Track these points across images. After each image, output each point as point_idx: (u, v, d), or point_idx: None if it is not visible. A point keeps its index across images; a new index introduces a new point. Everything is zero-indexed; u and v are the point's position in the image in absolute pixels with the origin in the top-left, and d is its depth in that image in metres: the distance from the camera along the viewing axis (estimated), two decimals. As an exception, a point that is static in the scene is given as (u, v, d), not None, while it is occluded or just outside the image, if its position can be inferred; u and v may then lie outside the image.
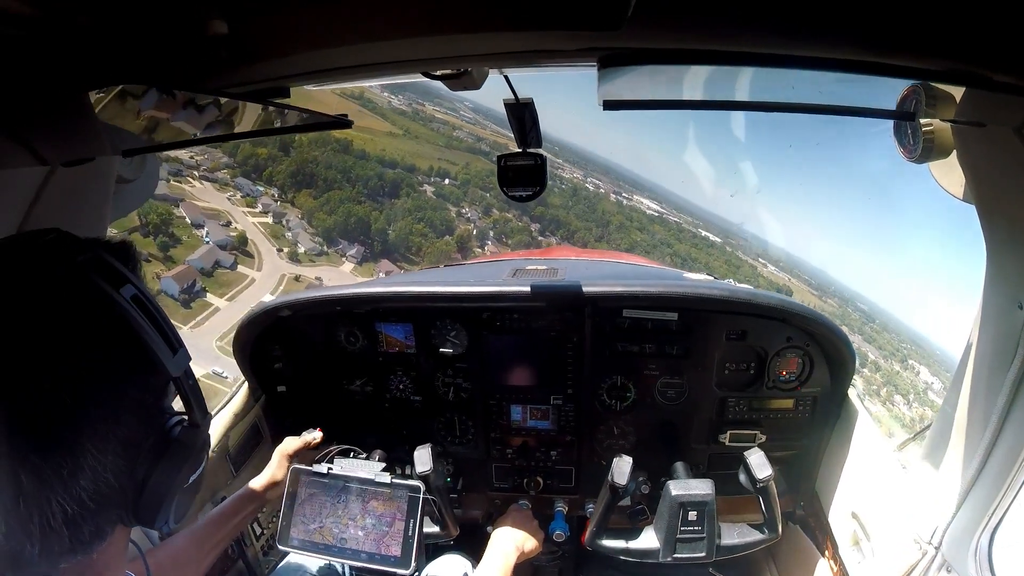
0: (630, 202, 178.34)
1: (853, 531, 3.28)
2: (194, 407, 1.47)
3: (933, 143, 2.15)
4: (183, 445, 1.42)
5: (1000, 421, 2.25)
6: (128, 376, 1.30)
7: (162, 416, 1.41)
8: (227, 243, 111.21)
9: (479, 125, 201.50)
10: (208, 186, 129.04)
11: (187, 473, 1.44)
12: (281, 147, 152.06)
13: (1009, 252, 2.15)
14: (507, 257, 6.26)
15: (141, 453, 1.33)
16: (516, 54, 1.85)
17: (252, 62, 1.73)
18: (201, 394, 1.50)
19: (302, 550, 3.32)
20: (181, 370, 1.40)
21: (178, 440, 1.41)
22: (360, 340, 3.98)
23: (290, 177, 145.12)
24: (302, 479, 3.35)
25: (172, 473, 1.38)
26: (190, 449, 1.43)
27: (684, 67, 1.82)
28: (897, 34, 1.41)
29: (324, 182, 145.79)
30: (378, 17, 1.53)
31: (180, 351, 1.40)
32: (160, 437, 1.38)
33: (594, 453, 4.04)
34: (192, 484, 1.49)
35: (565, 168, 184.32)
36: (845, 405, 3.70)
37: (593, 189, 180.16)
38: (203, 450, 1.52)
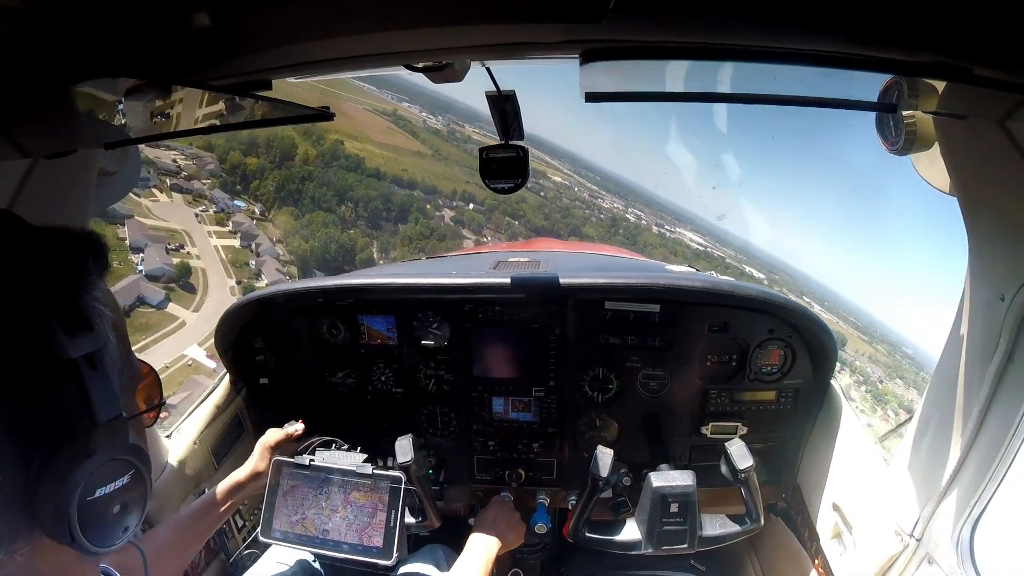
0: (673, 234, 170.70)
1: (835, 523, 3.30)
2: (93, 402, 1.25)
3: (915, 135, 2.15)
4: (77, 446, 1.23)
5: (982, 413, 2.26)
6: (16, 358, 1.17)
7: (66, 412, 1.23)
8: (162, 274, 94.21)
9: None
10: (178, 198, 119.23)
11: (88, 483, 1.24)
12: (278, 158, 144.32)
13: (991, 244, 2.15)
14: (489, 249, 6.26)
15: (38, 450, 1.19)
16: (498, 46, 1.86)
17: (235, 55, 1.73)
18: (112, 392, 1.29)
19: (285, 542, 3.33)
20: (78, 353, 1.22)
21: (73, 440, 1.23)
22: (342, 332, 3.98)
23: (275, 192, 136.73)
24: (284, 471, 3.35)
25: (60, 477, 1.21)
26: (84, 452, 1.24)
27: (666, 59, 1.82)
28: (879, 28, 1.41)
29: (312, 200, 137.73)
30: (360, 10, 1.53)
31: (88, 335, 1.25)
32: (60, 435, 1.22)
33: (576, 445, 4.05)
34: (104, 499, 1.29)
35: (605, 198, 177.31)
36: (827, 397, 3.72)
37: (634, 220, 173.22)
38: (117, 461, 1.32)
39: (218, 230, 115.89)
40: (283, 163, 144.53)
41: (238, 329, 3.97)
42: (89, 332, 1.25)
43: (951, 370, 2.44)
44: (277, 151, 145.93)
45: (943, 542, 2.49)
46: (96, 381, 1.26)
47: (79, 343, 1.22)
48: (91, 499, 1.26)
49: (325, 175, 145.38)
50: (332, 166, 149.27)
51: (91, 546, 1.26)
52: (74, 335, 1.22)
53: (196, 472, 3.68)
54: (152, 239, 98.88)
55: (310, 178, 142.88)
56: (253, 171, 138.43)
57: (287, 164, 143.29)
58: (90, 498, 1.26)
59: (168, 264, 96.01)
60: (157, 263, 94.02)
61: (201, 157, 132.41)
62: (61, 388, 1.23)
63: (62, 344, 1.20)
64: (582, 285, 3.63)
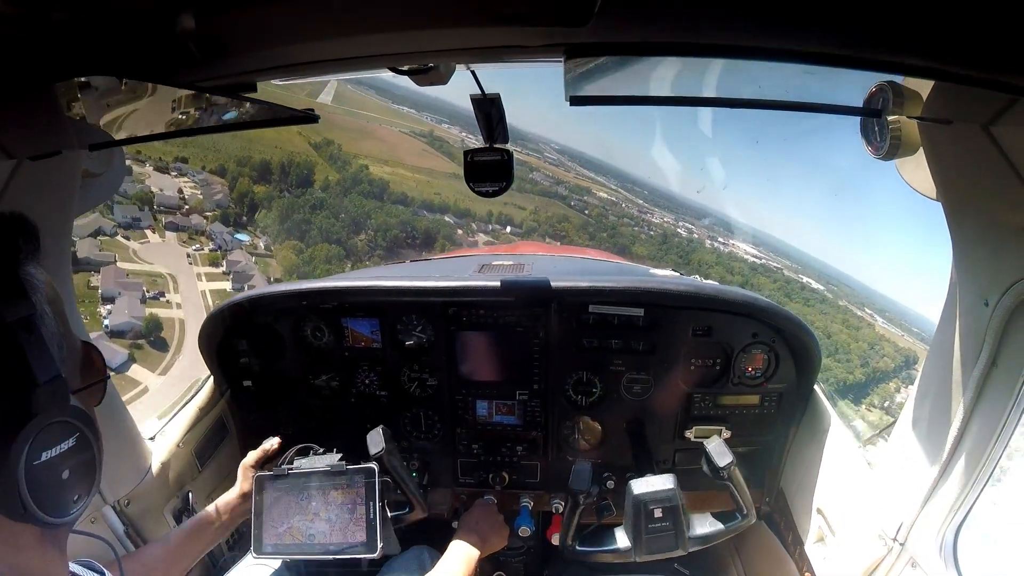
0: (728, 248, 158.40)
1: (819, 527, 3.30)
2: (30, 362, 1.27)
3: (900, 140, 2.16)
4: (19, 405, 1.25)
5: (966, 417, 2.27)
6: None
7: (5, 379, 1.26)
8: (129, 329, 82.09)
9: (562, 167, 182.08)
10: (171, 237, 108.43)
11: (33, 445, 1.26)
12: (294, 184, 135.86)
13: (975, 249, 2.16)
14: (474, 253, 6.24)
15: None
16: (483, 49, 1.86)
17: (220, 57, 1.73)
18: (49, 355, 1.33)
19: (276, 554, 3.35)
20: (13, 316, 1.27)
21: (13, 403, 1.26)
22: (326, 335, 3.98)
23: (279, 223, 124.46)
24: (266, 485, 3.35)
25: (4, 444, 1.23)
26: (25, 415, 1.25)
27: (651, 63, 1.82)
28: (865, 27, 1.41)
29: (319, 232, 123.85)
30: (344, 12, 1.53)
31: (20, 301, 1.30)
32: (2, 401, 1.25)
33: (560, 449, 4.06)
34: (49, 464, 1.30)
35: (655, 213, 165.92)
36: (811, 401, 3.73)
37: (686, 235, 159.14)
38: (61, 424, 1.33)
39: (210, 271, 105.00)
40: (301, 190, 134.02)
41: (222, 331, 3.95)
42: (23, 299, 1.30)
43: (935, 374, 2.45)
44: (294, 177, 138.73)
45: (927, 546, 2.50)
46: (32, 344, 1.30)
47: (13, 308, 1.28)
48: (37, 463, 1.27)
49: (340, 203, 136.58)
50: (352, 193, 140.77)
51: (44, 515, 1.27)
52: (6, 302, 1.28)
53: (179, 475, 3.66)
54: (127, 287, 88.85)
55: (321, 207, 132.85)
56: (261, 199, 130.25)
57: (305, 191, 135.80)
58: (36, 462, 1.26)
59: (138, 317, 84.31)
60: (125, 317, 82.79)
61: (211, 184, 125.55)
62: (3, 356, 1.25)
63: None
64: (566, 288, 3.63)
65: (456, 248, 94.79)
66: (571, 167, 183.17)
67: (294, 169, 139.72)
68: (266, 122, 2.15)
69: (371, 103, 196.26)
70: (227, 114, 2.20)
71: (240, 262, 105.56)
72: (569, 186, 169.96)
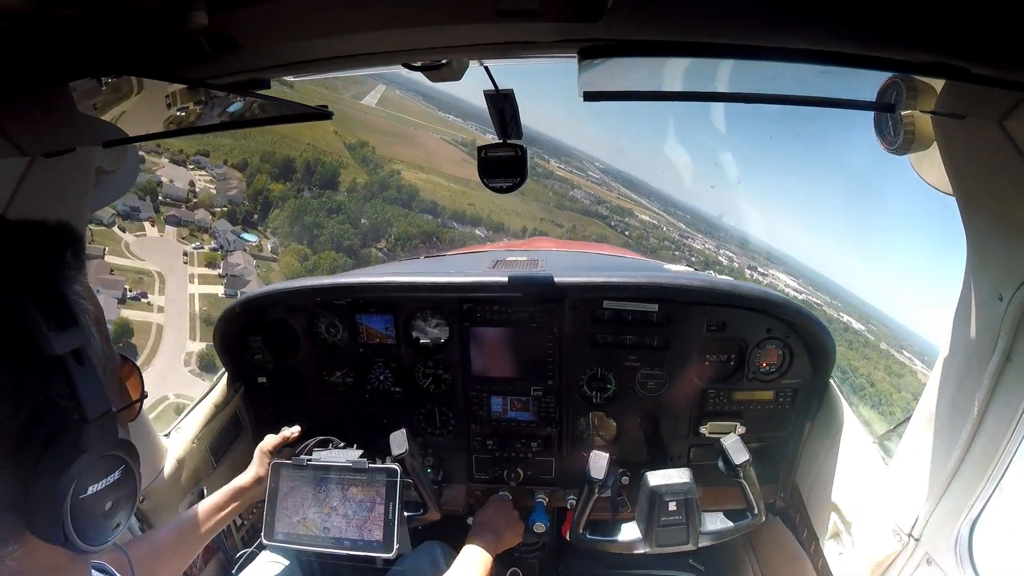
0: (767, 278, 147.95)
1: (833, 522, 3.29)
2: (82, 398, 1.23)
3: (913, 135, 2.15)
4: (68, 443, 1.22)
5: (980, 412, 2.26)
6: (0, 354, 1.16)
7: (53, 408, 1.22)
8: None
9: (605, 187, 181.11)
10: (172, 232, 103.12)
11: (80, 480, 1.23)
12: (318, 183, 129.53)
13: (990, 244, 2.15)
14: (488, 248, 6.24)
15: (27, 449, 1.18)
16: (496, 45, 1.86)
17: (232, 54, 1.73)
18: (100, 386, 1.29)
19: (288, 543, 3.35)
20: (64, 349, 1.21)
21: (64, 438, 1.22)
22: (340, 331, 3.99)
23: (289, 225, 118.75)
24: (283, 473, 3.37)
25: (52, 476, 1.19)
26: (77, 449, 1.22)
27: (664, 58, 1.82)
28: (877, 26, 1.41)
29: (330, 239, 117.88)
30: (358, 8, 1.53)
31: (72, 330, 1.23)
32: (49, 433, 1.20)
33: (575, 445, 4.06)
34: (95, 496, 1.28)
35: (696, 238, 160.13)
36: (826, 396, 3.72)
37: (727, 263, 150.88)
38: (108, 457, 1.31)
39: (205, 273, 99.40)
40: (321, 191, 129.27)
41: (236, 328, 3.97)
42: (75, 326, 1.24)
43: (950, 370, 2.44)
44: (319, 177, 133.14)
45: (942, 542, 2.49)
46: (84, 376, 1.24)
47: (65, 338, 1.21)
48: (83, 497, 1.24)
49: (360, 208, 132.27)
50: (376, 198, 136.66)
51: (83, 545, 1.25)
52: (60, 330, 1.20)
53: (194, 471, 3.68)
54: (107, 285, 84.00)
55: (339, 211, 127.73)
56: (276, 198, 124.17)
57: (323, 192, 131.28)
58: (82, 496, 1.24)
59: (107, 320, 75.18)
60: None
61: (228, 178, 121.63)
62: (48, 384, 1.20)
63: (48, 340, 1.18)
64: (580, 284, 3.64)
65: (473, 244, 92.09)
66: (614, 187, 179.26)
67: (320, 168, 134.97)
68: (279, 118, 2.15)
69: (416, 109, 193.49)
70: (240, 111, 2.21)
71: (239, 265, 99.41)
72: (610, 206, 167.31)
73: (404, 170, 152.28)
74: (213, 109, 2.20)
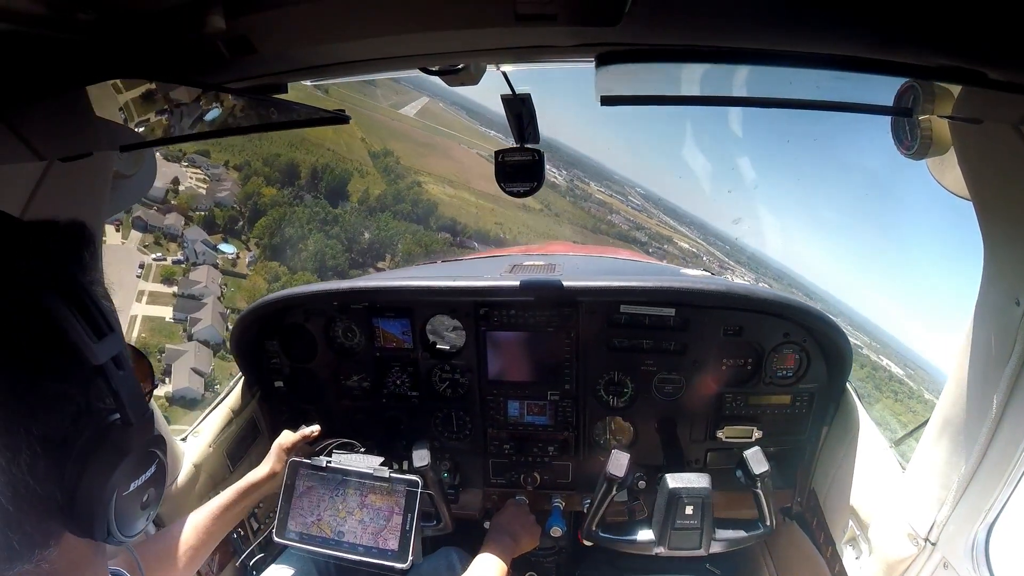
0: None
1: (850, 527, 3.28)
2: (124, 403, 1.23)
3: (931, 139, 2.15)
4: (113, 447, 1.23)
5: (997, 417, 2.25)
6: (42, 365, 1.12)
7: (92, 412, 1.22)
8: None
9: (646, 213, 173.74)
10: (136, 238, 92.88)
11: (123, 479, 1.25)
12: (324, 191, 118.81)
13: (1007, 248, 2.14)
14: (505, 252, 6.25)
15: (71, 454, 1.16)
16: (514, 49, 1.86)
17: (249, 58, 1.73)
18: (138, 388, 1.28)
19: (299, 543, 3.35)
20: (106, 358, 1.19)
21: (108, 441, 1.22)
22: (357, 335, 4.01)
23: (268, 237, 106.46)
24: (300, 472, 3.37)
25: (100, 479, 1.20)
26: (121, 452, 1.24)
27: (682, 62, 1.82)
28: (894, 31, 1.41)
29: (312, 257, 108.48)
30: (376, 12, 1.53)
31: (110, 336, 1.20)
32: (92, 436, 1.20)
33: (591, 449, 4.06)
34: (135, 491, 1.29)
35: (736, 269, 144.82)
36: (843, 401, 3.72)
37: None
38: (145, 454, 1.32)
39: (157, 290, 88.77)
40: (316, 198, 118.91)
41: (254, 332, 3.99)
42: (111, 332, 1.21)
43: (966, 374, 2.43)
44: (326, 184, 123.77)
45: (959, 547, 2.48)
46: (124, 381, 1.23)
47: (105, 346, 1.19)
48: (126, 493, 1.26)
49: (362, 222, 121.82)
50: (387, 211, 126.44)
51: (123, 537, 1.27)
52: (100, 338, 1.18)
53: (211, 475, 3.69)
54: None
55: (335, 223, 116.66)
56: (266, 203, 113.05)
57: (320, 199, 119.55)
58: (126, 493, 1.26)
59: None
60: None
61: (222, 179, 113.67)
62: (89, 391, 1.20)
63: (91, 350, 1.16)
64: (598, 288, 3.64)
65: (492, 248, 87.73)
66: (654, 213, 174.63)
67: (328, 175, 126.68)
68: (296, 123, 2.16)
69: (458, 123, 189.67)
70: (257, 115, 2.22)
71: (199, 284, 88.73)
72: (649, 232, 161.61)
73: (430, 183, 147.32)
74: (230, 113, 2.21)
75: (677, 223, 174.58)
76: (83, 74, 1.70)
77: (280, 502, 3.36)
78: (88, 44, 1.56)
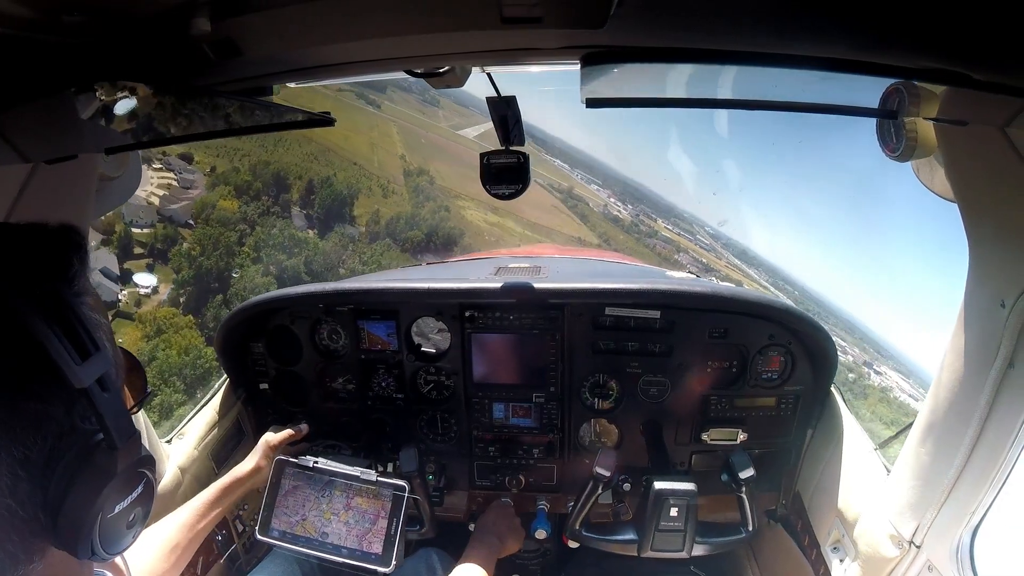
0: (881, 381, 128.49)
1: (835, 529, 3.29)
2: (109, 426, 1.21)
3: (916, 141, 2.15)
4: (98, 470, 1.21)
5: (982, 419, 2.26)
6: (22, 386, 1.11)
7: (77, 432, 1.19)
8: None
9: (715, 253, 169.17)
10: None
11: (108, 502, 1.23)
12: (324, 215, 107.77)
13: (992, 250, 2.15)
14: (491, 255, 6.25)
15: (54, 475, 1.15)
16: (499, 52, 1.86)
17: (235, 60, 1.73)
18: (123, 409, 1.28)
19: (282, 542, 3.35)
20: (90, 380, 1.17)
21: (92, 464, 1.20)
22: (343, 338, 4.00)
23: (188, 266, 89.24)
24: (287, 471, 3.38)
25: (84, 503, 1.18)
26: (106, 475, 1.22)
27: (667, 65, 1.82)
28: (880, 33, 1.41)
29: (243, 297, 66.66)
30: (362, 15, 1.53)
31: (95, 356, 1.19)
32: (76, 457, 1.18)
33: (577, 451, 4.07)
34: (120, 513, 1.28)
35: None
36: (828, 403, 3.74)
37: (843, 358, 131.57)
38: (132, 475, 1.31)
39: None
40: (331, 219, 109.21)
41: (238, 335, 3.97)
42: (97, 352, 1.20)
43: (952, 376, 2.44)
44: (320, 200, 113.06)
45: (943, 549, 2.48)
46: (109, 404, 1.21)
47: (90, 368, 1.17)
48: (111, 516, 1.25)
49: (339, 253, 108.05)
50: (385, 239, 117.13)
51: (108, 555, 1.27)
52: (84, 359, 1.16)
53: (197, 478, 3.67)
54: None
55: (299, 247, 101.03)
56: (216, 221, 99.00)
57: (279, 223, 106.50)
58: (110, 515, 1.25)
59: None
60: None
61: (189, 187, 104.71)
62: (72, 412, 1.18)
63: (74, 373, 1.14)
64: (584, 290, 3.64)
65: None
66: (723, 254, 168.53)
67: (325, 191, 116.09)
68: (281, 125, 2.15)
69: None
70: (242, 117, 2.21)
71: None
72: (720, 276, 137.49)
73: (470, 208, 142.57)
74: (215, 115, 2.20)
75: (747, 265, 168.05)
76: (70, 76, 1.70)
77: (264, 500, 3.36)
78: (74, 47, 1.56)
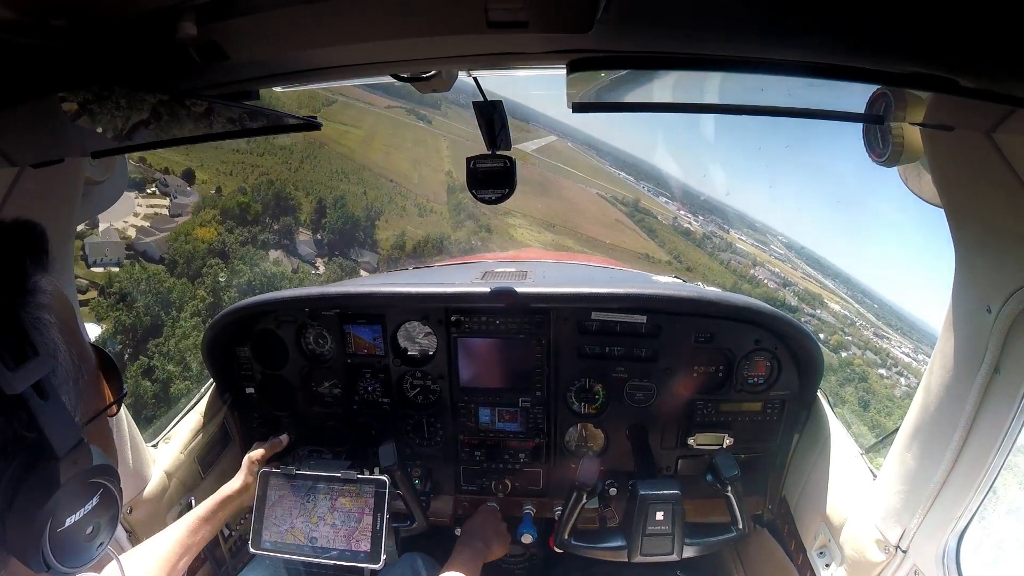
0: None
1: (821, 534, 3.29)
2: (48, 435, 1.18)
3: (902, 147, 2.16)
4: (40, 481, 1.18)
5: (968, 424, 2.26)
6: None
7: (20, 442, 1.17)
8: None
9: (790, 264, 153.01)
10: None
11: (56, 514, 1.20)
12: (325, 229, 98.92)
13: (978, 255, 2.16)
14: (478, 259, 6.24)
15: (0, 485, 1.14)
16: (485, 56, 1.86)
17: (221, 64, 1.72)
18: (67, 417, 1.23)
19: (275, 551, 3.35)
20: (24, 386, 1.14)
21: (34, 475, 1.18)
22: (329, 342, 3.99)
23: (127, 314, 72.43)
24: (271, 482, 3.38)
25: (26, 516, 1.16)
26: (49, 486, 1.19)
27: (653, 70, 1.82)
28: (865, 38, 1.41)
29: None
30: (348, 19, 1.52)
31: (33, 361, 1.16)
32: (20, 468, 1.16)
33: (563, 456, 4.08)
34: (74, 526, 1.25)
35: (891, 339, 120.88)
36: (814, 408, 3.75)
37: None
38: (84, 486, 1.27)
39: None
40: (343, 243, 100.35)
41: (225, 338, 3.96)
42: (34, 356, 1.17)
43: (937, 381, 2.44)
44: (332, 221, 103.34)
45: (929, 554, 2.49)
46: (47, 411, 1.19)
47: (24, 374, 1.14)
48: (62, 529, 1.22)
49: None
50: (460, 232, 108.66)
51: (66, 569, 1.23)
52: (16, 365, 1.13)
53: (182, 482, 3.66)
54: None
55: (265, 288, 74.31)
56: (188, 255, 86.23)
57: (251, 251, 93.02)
58: (61, 529, 1.22)
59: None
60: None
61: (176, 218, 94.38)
62: (11, 420, 1.16)
63: (6, 380, 1.12)
64: (569, 295, 3.64)
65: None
66: (798, 264, 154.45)
67: (339, 210, 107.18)
68: (267, 129, 2.15)
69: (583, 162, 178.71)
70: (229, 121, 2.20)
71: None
72: (798, 290, 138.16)
73: (520, 226, 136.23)
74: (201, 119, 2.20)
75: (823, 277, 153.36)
76: (55, 80, 1.69)
77: (253, 513, 3.36)
78: (60, 50, 1.55)
